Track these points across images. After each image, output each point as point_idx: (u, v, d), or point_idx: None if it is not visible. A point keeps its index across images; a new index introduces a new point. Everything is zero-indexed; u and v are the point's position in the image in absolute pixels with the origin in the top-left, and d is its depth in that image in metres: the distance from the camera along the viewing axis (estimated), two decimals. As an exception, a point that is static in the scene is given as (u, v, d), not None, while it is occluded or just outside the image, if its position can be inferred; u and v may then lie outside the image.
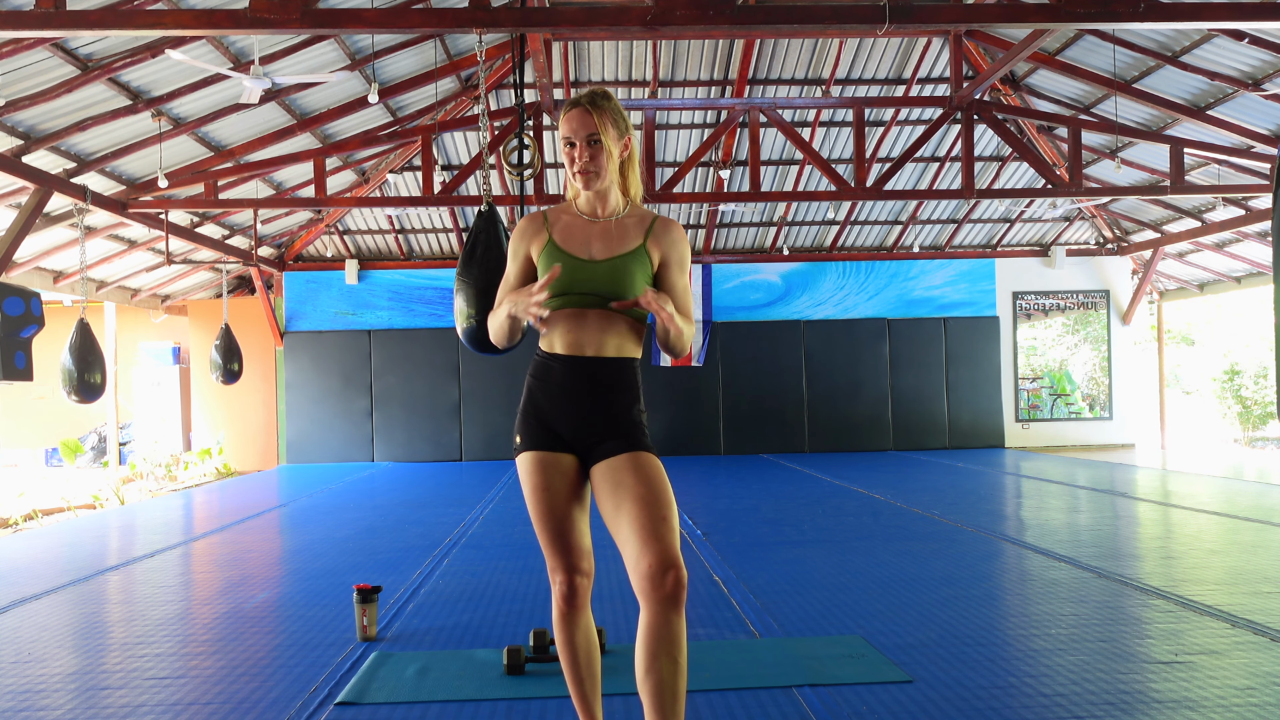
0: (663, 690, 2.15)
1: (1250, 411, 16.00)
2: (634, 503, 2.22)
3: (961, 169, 9.28)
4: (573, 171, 2.34)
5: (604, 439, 2.32)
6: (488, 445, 12.83)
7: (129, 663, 3.65)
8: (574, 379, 2.33)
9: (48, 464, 14.96)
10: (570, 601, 2.35)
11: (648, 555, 2.15)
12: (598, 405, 2.33)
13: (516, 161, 7.06)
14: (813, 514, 7.24)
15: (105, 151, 8.33)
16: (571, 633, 2.37)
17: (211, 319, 13.23)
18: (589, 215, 2.38)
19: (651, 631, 2.15)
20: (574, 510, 2.35)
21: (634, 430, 2.33)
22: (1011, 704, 2.98)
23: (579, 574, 2.34)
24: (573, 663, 2.39)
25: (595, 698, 2.42)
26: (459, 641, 3.85)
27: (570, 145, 2.32)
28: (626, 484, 2.25)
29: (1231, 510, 6.88)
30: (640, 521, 2.19)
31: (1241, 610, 4.01)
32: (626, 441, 2.31)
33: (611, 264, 2.32)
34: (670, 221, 2.42)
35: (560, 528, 2.33)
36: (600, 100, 2.33)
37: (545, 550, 2.36)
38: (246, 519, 7.72)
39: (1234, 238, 11.93)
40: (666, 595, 2.14)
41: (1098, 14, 5.67)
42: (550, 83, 8.35)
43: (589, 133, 2.30)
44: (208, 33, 6.09)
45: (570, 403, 2.34)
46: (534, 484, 2.35)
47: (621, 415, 2.34)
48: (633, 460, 2.28)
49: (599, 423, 2.33)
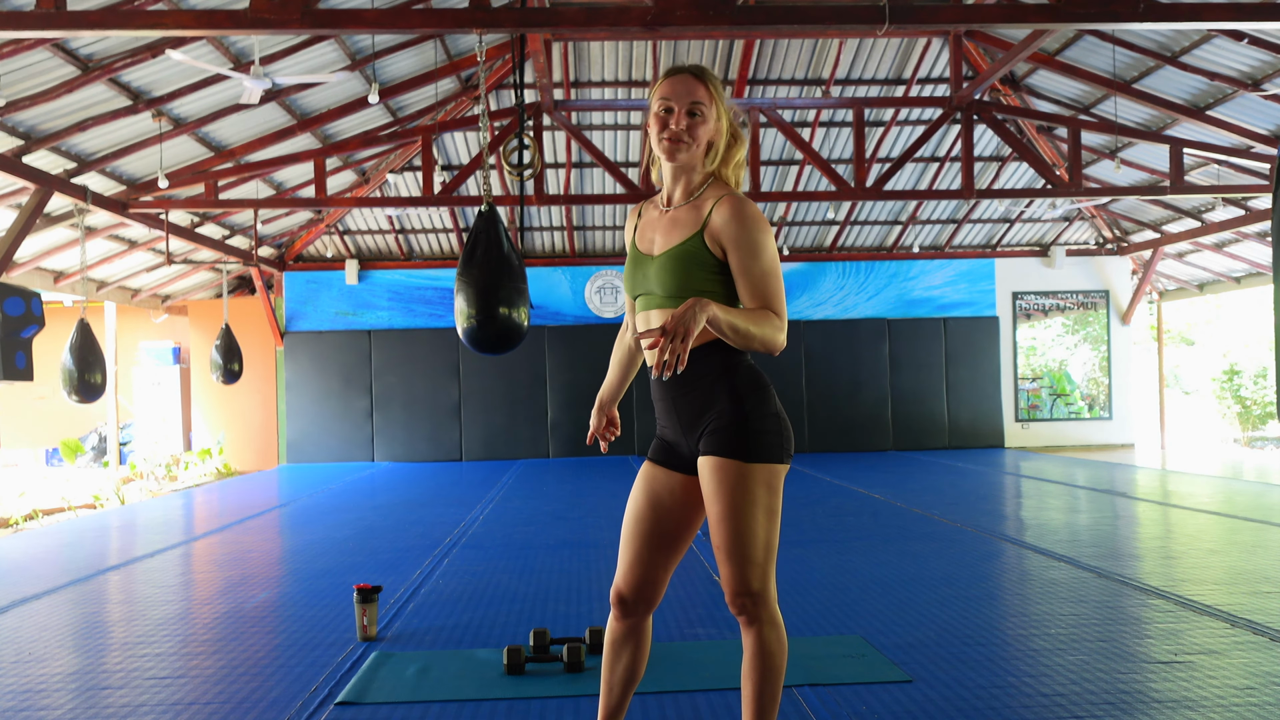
0: (750, 699, 2.13)
1: (1250, 411, 16.00)
2: (711, 520, 2.12)
3: (961, 169, 9.28)
4: (661, 137, 2.14)
5: (698, 442, 2.16)
6: (488, 445, 12.84)
7: (129, 663, 3.65)
8: (657, 388, 2.22)
9: (48, 464, 14.96)
10: (617, 616, 2.26)
11: (723, 579, 2.13)
12: (680, 411, 2.18)
13: (516, 162, 7.07)
14: (813, 514, 7.24)
15: (105, 152, 8.33)
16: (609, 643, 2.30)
17: (212, 319, 13.23)
18: (665, 202, 2.22)
19: (744, 647, 2.15)
20: (650, 527, 2.22)
21: (718, 434, 2.11)
22: (1011, 704, 2.98)
23: (623, 597, 2.24)
24: (604, 668, 2.32)
25: (612, 703, 2.32)
26: (459, 641, 3.86)
27: (667, 111, 2.13)
28: (706, 494, 2.13)
29: (1231, 510, 6.88)
30: (716, 540, 2.11)
31: (1241, 610, 4.01)
32: (710, 444, 2.12)
33: (662, 259, 2.15)
34: (734, 199, 2.11)
35: (628, 535, 2.25)
36: (710, 76, 2.15)
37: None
38: (246, 519, 7.72)
39: (1234, 238, 11.94)
40: (739, 616, 2.13)
41: (1097, 14, 5.68)
42: (550, 83, 8.36)
43: (694, 100, 2.11)
44: (208, 33, 6.09)
45: (664, 414, 2.23)
46: (633, 490, 2.28)
47: (698, 416, 2.15)
48: (708, 467, 2.12)
49: (685, 429, 2.18)
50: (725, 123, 2.18)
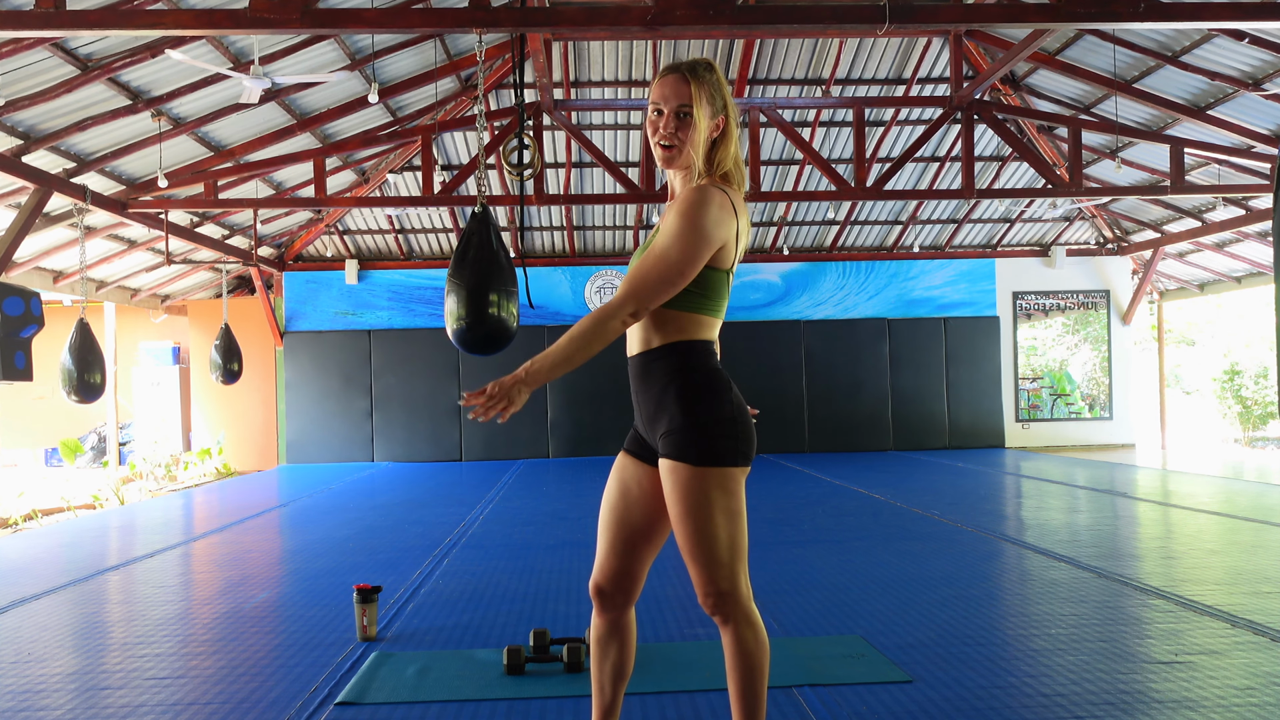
0: (736, 699, 2.15)
1: (1250, 411, 15.99)
2: (672, 523, 2.14)
3: (961, 169, 9.28)
4: (654, 141, 2.15)
5: (658, 442, 2.17)
6: (488, 445, 12.84)
7: (129, 663, 3.65)
8: (630, 379, 2.25)
9: (48, 464, 14.96)
10: (598, 610, 2.28)
11: (692, 581, 2.15)
12: (641, 409, 2.22)
13: (516, 161, 7.06)
14: (813, 514, 7.23)
15: (105, 151, 8.33)
16: (596, 639, 2.31)
17: (211, 319, 13.23)
18: (670, 196, 2.21)
19: (724, 648, 2.17)
20: (621, 516, 2.24)
21: (670, 436, 2.12)
22: (1011, 704, 2.98)
23: (601, 589, 2.25)
24: (593, 663, 2.33)
25: (605, 702, 2.33)
26: (459, 641, 3.85)
27: (658, 113, 2.12)
28: (665, 497, 2.14)
29: (1231, 510, 6.88)
30: (679, 543, 2.13)
31: (1241, 610, 4.01)
32: (665, 446, 2.14)
33: (640, 249, 2.17)
34: (694, 189, 2.10)
35: (602, 525, 2.27)
36: (701, 70, 2.11)
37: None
38: (246, 519, 7.72)
39: (1234, 238, 11.94)
40: (712, 616, 2.15)
41: (1098, 14, 5.67)
42: (550, 83, 8.35)
43: (680, 103, 2.09)
44: (208, 33, 6.09)
45: (635, 406, 2.26)
46: (608, 480, 2.30)
47: (654, 417, 2.16)
48: (664, 470, 2.14)
49: (646, 426, 2.21)
50: (726, 114, 2.15)
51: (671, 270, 2.04)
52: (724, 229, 2.09)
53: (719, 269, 2.13)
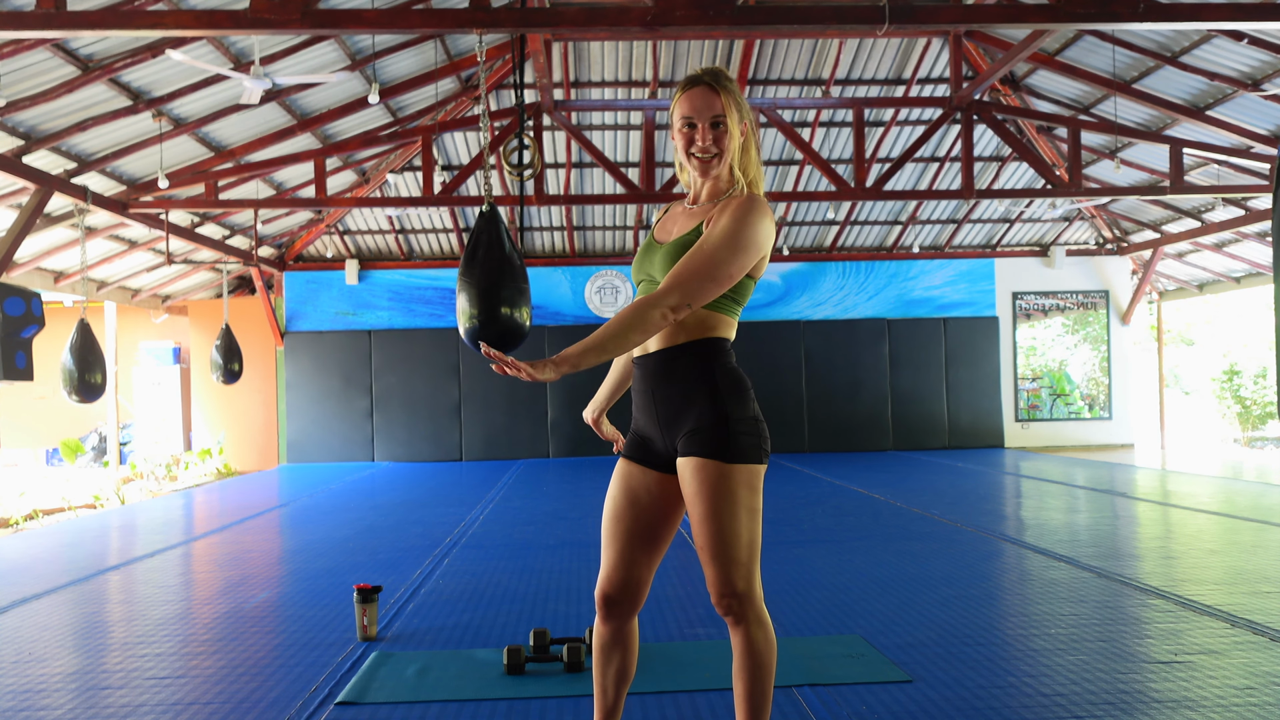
0: (742, 699, 2.15)
1: (1250, 411, 16.01)
2: (693, 521, 2.12)
3: (961, 169, 9.28)
4: (688, 153, 2.17)
5: (677, 441, 2.16)
6: (488, 445, 12.84)
7: (129, 663, 3.65)
8: (639, 383, 2.22)
9: (48, 464, 14.97)
10: (603, 618, 2.25)
11: (708, 580, 2.14)
12: (660, 409, 2.17)
13: (517, 162, 7.07)
14: (813, 514, 7.24)
15: (105, 152, 8.34)
16: (598, 643, 2.29)
17: (212, 319, 13.23)
18: (693, 200, 2.24)
19: (733, 647, 2.17)
20: (629, 525, 2.21)
21: (699, 434, 2.11)
22: (1011, 704, 2.98)
23: (609, 598, 2.23)
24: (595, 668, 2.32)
25: (607, 704, 2.32)
26: (459, 641, 3.86)
27: (690, 126, 2.15)
28: (687, 495, 2.13)
29: (1231, 510, 6.88)
30: (699, 542, 2.12)
31: (1241, 610, 4.01)
32: (690, 444, 2.12)
33: (667, 247, 2.18)
34: (745, 197, 2.14)
35: (608, 535, 2.24)
36: (724, 80, 2.15)
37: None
38: (246, 519, 7.72)
39: (1233, 238, 11.94)
40: (725, 617, 2.15)
41: (1097, 14, 5.68)
42: (550, 83, 8.36)
43: (714, 114, 2.14)
44: (208, 33, 6.08)
45: (642, 409, 2.22)
46: (609, 488, 2.27)
47: (678, 415, 2.15)
48: (689, 468, 2.12)
49: (664, 427, 2.18)
50: (748, 119, 2.21)
51: (720, 271, 2.07)
52: (769, 242, 2.16)
53: (751, 276, 2.19)
